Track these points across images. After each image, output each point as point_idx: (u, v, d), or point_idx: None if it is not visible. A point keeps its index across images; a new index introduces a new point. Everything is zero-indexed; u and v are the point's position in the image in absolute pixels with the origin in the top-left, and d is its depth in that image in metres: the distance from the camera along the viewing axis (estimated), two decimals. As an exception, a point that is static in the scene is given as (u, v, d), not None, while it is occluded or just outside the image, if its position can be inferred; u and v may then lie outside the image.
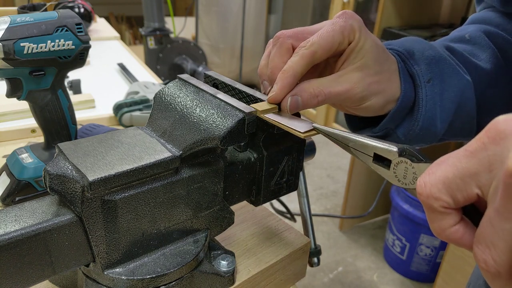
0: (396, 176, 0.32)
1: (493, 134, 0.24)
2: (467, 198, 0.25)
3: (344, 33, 0.42)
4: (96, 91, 1.06)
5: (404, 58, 0.48)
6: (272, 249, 0.53)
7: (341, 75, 0.43)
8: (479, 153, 0.24)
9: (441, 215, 0.27)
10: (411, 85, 0.47)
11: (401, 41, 0.50)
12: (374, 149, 0.33)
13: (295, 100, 0.42)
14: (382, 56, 0.45)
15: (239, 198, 0.49)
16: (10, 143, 0.80)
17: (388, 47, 0.49)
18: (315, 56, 0.41)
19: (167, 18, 3.22)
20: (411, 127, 0.48)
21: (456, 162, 0.25)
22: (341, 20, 0.42)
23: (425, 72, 0.47)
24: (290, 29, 0.45)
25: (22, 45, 0.52)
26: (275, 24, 3.82)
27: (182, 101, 0.45)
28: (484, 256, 0.24)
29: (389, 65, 0.45)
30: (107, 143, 0.42)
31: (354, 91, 0.43)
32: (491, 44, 0.53)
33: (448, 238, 0.27)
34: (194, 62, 3.19)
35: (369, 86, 0.43)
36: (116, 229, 0.39)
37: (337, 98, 0.43)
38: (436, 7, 2.00)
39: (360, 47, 0.43)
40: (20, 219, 0.36)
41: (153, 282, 0.41)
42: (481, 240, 0.24)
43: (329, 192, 2.53)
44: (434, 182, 0.26)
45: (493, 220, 0.23)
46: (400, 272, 1.94)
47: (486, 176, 0.24)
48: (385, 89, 0.45)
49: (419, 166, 0.30)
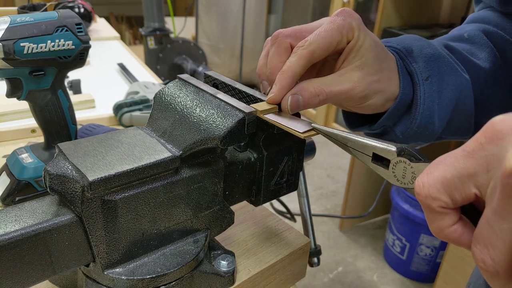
0: (395, 175, 0.32)
1: (490, 134, 0.24)
2: (465, 198, 0.25)
3: (342, 32, 0.42)
4: (96, 91, 1.06)
5: (402, 56, 0.47)
6: (272, 249, 0.53)
7: (341, 74, 0.43)
8: (476, 153, 0.24)
9: (439, 215, 0.27)
10: (410, 83, 0.47)
11: (399, 39, 0.50)
12: (373, 149, 0.33)
13: (295, 99, 0.41)
14: (382, 54, 0.44)
15: (239, 198, 0.49)
16: (10, 143, 0.80)
17: (386, 44, 0.49)
18: (314, 56, 0.41)
19: (167, 18, 3.22)
20: (409, 124, 0.48)
21: (454, 162, 0.25)
22: (340, 19, 0.42)
23: (424, 70, 0.47)
24: (288, 28, 0.44)
25: (22, 45, 0.52)
26: (275, 24, 3.82)
27: (182, 101, 0.45)
28: (483, 255, 0.24)
29: (388, 63, 0.45)
30: (107, 143, 0.42)
31: (355, 90, 0.42)
32: (490, 43, 0.53)
33: (447, 238, 0.27)
34: (194, 62, 3.19)
35: (370, 85, 0.43)
36: (116, 229, 0.39)
37: (338, 98, 0.43)
38: (436, 7, 2.00)
39: (359, 46, 0.42)
40: (20, 219, 0.36)
41: (153, 282, 0.41)
42: (479, 239, 0.24)
43: (329, 192, 2.53)
44: (432, 182, 0.26)
45: (491, 220, 0.23)
46: (400, 272, 1.94)
47: (484, 176, 0.24)
48: (385, 88, 0.45)
49: (417, 166, 0.31)
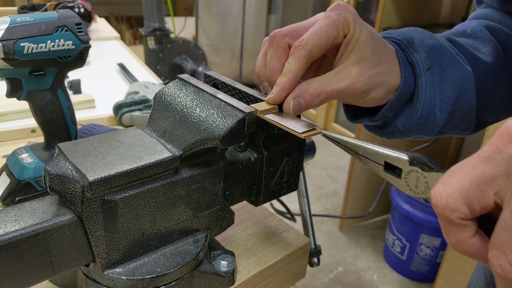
0: (407, 185, 0.31)
1: (507, 137, 0.23)
2: (483, 208, 0.24)
3: (338, 27, 0.41)
4: (96, 91, 1.06)
5: (403, 47, 0.47)
6: (272, 249, 0.53)
7: (340, 70, 0.42)
8: (494, 157, 0.23)
9: (458, 227, 0.25)
10: (411, 74, 0.46)
11: (400, 31, 0.49)
12: (384, 157, 0.33)
13: (297, 102, 0.41)
14: (379, 46, 0.44)
15: (239, 198, 0.49)
16: (10, 143, 0.80)
17: (387, 36, 0.48)
18: (311, 55, 0.41)
19: (167, 18, 3.22)
20: (410, 116, 0.47)
21: (471, 170, 0.24)
22: (334, 13, 0.41)
23: (425, 60, 0.46)
24: (285, 27, 0.44)
25: (22, 45, 0.52)
26: (275, 24, 3.82)
27: (182, 101, 0.45)
28: (501, 261, 0.23)
29: (387, 55, 0.44)
30: (107, 143, 0.42)
31: (355, 86, 0.42)
32: (493, 39, 0.52)
33: (464, 251, 0.26)
34: (194, 62, 3.19)
35: (369, 79, 0.42)
36: (116, 229, 0.39)
37: (339, 95, 0.42)
38: (436, 7, 2.00)
39: (356, 39, 0.42)
40: (20, 219, 0.36)
41: (153, 282, 0.41)
42: (497, 245, 0.23)
43: (329, 192, 2.53)
44: (450, 192, 0.25)
45: (510, 223, 0.22)
46: (400, 272, 1.94)
47: (504, 179, 0.23)
48: (386, 80, 0.44)
49: (430, 175, 0.30)
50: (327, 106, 3.19)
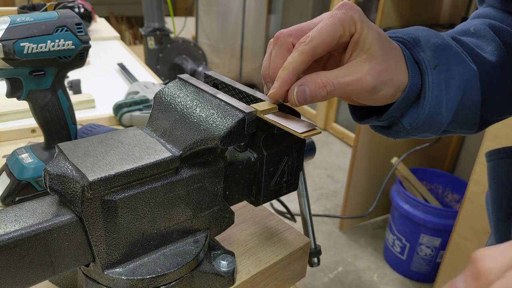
0: None
1: None
2: None
3: (344, 25, 0.41)
4: (96, 91, 1.06)
5: (409, 46, 0.46)
6: (272, 249, 0.53)
7: (349, 66, 0.42)
8: None
9: None
10: (418, 72, 0.46)
11: (405, 30, 0.49)
12: None
13: (302, 90, 0.40)
14: (387, 45, 0.43)
15: (239, 198, 0.49)
16: (10, 143, 0.80)
17: (392, 35, 0.48)
18: (316, 51, 0.41)
19: (167, 18, 3.22)
20: (417, 115, 0.46)
21: None
22: (341, 12, 0.41)
23: (432, 58, 0.46)
24: (289, 27, 0.44)
25: (22, 45, 0.52)
26: (275, 24, 3.82)
27: (182, 101, 0.45)
28: None
29: (394, 53, 0.44)
30: (107, 143, 0.42)
31: (364, 81, 0.41)
32: (496, 38, 0.52)
33: None
34: (194, 62, 3.19)
35: (379, 75, 0.42)
36: (116, 229, 0.39)
37: (347, 89, 0.41)
38: (436, 7, 2.00)
39: (364, 38, 0.41)
40: (20, 219, 0.36)
41: (153, 282, 0.41)
42: None
43: (329, 192, 2.53)
44: None
45: None
46: (400, 272, 1.94)
47: None
48: (394, 78, 0.44)
49: None
50: (327, 106, 3.19)
